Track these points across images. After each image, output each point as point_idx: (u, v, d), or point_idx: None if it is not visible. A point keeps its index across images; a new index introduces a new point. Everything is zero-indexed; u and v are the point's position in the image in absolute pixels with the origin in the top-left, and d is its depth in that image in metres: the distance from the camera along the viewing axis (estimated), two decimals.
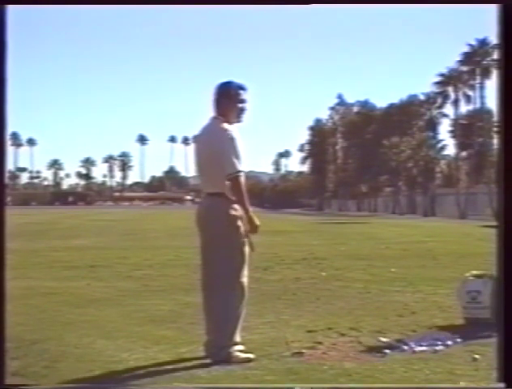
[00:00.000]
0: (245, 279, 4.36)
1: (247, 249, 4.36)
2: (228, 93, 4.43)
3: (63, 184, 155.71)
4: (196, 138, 4.63)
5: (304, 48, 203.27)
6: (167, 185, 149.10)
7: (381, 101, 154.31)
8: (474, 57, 51.95)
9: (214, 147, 4.30)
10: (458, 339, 4.76)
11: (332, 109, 77.32)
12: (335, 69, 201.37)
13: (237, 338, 4.34)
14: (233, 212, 4.28)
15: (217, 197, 4.32)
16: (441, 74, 55.99)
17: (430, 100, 60.14)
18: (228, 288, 4.29)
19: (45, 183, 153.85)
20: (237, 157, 4.25)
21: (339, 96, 77.25)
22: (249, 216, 4.27)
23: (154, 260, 11.69)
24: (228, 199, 4.28)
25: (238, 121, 4.43)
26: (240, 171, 4.25)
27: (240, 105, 4.46)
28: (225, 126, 4.32)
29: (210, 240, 4.37)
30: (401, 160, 60.21)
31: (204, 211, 4.43)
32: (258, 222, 4.31)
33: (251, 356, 4.29)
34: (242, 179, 4.27)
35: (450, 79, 55.17)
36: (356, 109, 75.05)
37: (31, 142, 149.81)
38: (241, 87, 4.48)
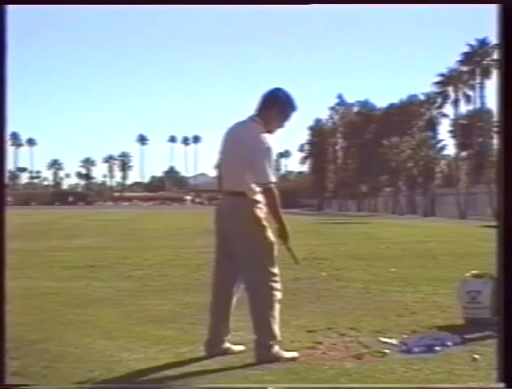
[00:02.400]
0: (277, 278, 4.39)
1: (276, 248, 4.37)
2: (283, 107, 4.41)
3: (63, 184, 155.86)
4: (229, 134, 4.48)
5: (303, 48, 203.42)
6: (167, 185, 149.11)
7: (381, 101, 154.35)
8: (474, 57, 51.92)
9: (249, 151, 4.24)
10: (458, 339, 4.76)
11: (332, 108, 77.26)
12: (335, 69, 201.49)
13: (279, 336, 4.33)
14: (259, 212, 4.29)
15: (241, 196, 4.28)
16: (441, 74, 55.98)
17: (430, 100, 60.10)
18: (265, 285, 4.31)
19: (45, 183, 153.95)
20: (271, 168, 4.25)
21: (339, 96, 77.19)
22: (283, 225, 4.32)
23: (154, 260, 11.69)
24: (252, 199, 4.27)
25: (270, 133, 4.36)
26: (273, 182, 4.26)
27: (283, 123, 4.47)
28: (264, 133, 4.29)
29: (238, 239, 4.34)
30: (401, 160, 60.17)
31: (228, 209, 4.37)
32: (289, 232, 4.36)
33: (296, 354, 4.32)
34: (275, 190, 4.27)
35: (450, 79, 55.14)
36: (356, 109, 74.96)
37: (31, 142, 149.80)
38: (295, 109, 4.47)
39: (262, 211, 4.31)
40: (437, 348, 4.54)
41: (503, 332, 3.34)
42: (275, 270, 4.38)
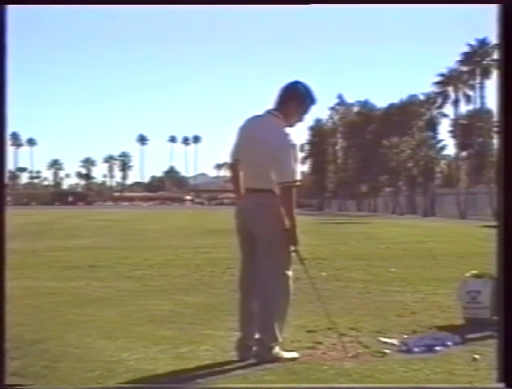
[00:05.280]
0: (291, 281, 4.37)
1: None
2: (303, 101, 4.37)
3: (63, 184, 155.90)
4: (248, 129, 4.40)
5: (303, 48, 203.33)
6: (167, 185, 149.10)
7: (381, 101, 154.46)
8: (474, 57, 51.95)
9: (274, 148, 4.19)
10: (458, 339, 4.76)
11: (332, 109, 77.29)
12: (335, 69, 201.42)
13: (280, 338, 4.32)
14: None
15: (269, 193, 4.25)
16: (441, 74, 56.04)
17: (430, 100, 60.15)
18: (278, 285, 4.29)
19: (45, 183, 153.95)
20: (297, 166, 4.22)
21: (339, 96, 77.24)
22: (294, 227, 4.26)
23: (154, 260, 11.69)
24: (279, 197, 4.25)
25: (289, 127, 4.32)
26: (297, 181, 4.22)
27: (302, 116, 4.45)
28: (287, 129, 4.26)
29: (262, 236, 4.29)
30: (401, 160, 60.23)
31: (255, 206, 4.30)
32: (298, 237, 4.31)
33: (296, 355, 4.31)
34: (294, 190, 4.23)
35: (450, 79, 55.18)
36: (356, 109, 75.02)
37: (31, 142, 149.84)
38: (314, 102, 4.45)
39: None
40: (437, 348, 4.54)
41: (503, 332, 3.34)
42: (290, 273, 4.36)
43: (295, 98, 4.34)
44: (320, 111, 71.75)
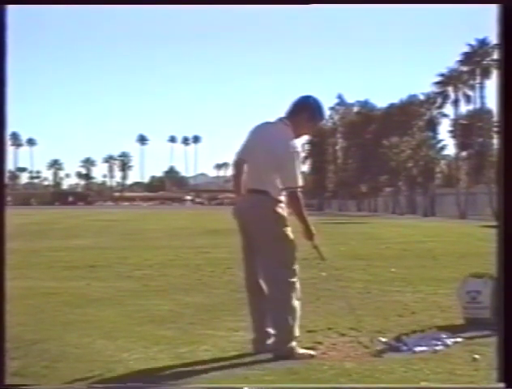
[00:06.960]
0: (296, 278, 4.43)
1: (295, 246, 4.44)
2: (312, 114, 4.54)
3: (63, 184, 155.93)
4: (258, 134, 4.53)
5: (303, 48, 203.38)
6: (167, 185, 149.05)
7: (381, 101, 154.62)
8: (474, 57, 51.91)
9: (279, 153, 4.32)
10: (458, 339, 4.76)
11: (332, 109, 77.19)
12: (335, 69, 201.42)
13: (297, 333, 4.39)
14: (280, 210, 4.36)
15: (264, 194, 4.35)
16: (441, 74, 56.01)
17: (430, 100, 60.11)
18: (283, 283, 4.34)
19: (45, 183, 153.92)
20: (300, 171, 4.35)
21: (339, 96, 77.19)
22: (307, 226, 4.46)
23: (154, 260, 11.68)
24: (274, 198, 4.34)
25: (297, 137, 4.47)
26: (301, 186, 4.35)
27: (310, 129, 4.66)
28: (294, 138, 4.40)
29: (259, 235, 4.38)
30: (401, 160, 60.17)
31: (249, 206, 4.41)
32: (314, 231, 4.51)
33: (313, 352, 4.35)
34: (300, 194, 4.37)
35: (450, 79, 55.14)
36: (356, 109, 74.99)
37: (31, 142, 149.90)
38: (323, 117, 4.69)
39: (283, 210, 4.37)
40: (438, 348, 4.54)
41: (503, 332, 3.34)
42: (295, 267, 4.43)
43: (305, 111, 4.50)
44: None
